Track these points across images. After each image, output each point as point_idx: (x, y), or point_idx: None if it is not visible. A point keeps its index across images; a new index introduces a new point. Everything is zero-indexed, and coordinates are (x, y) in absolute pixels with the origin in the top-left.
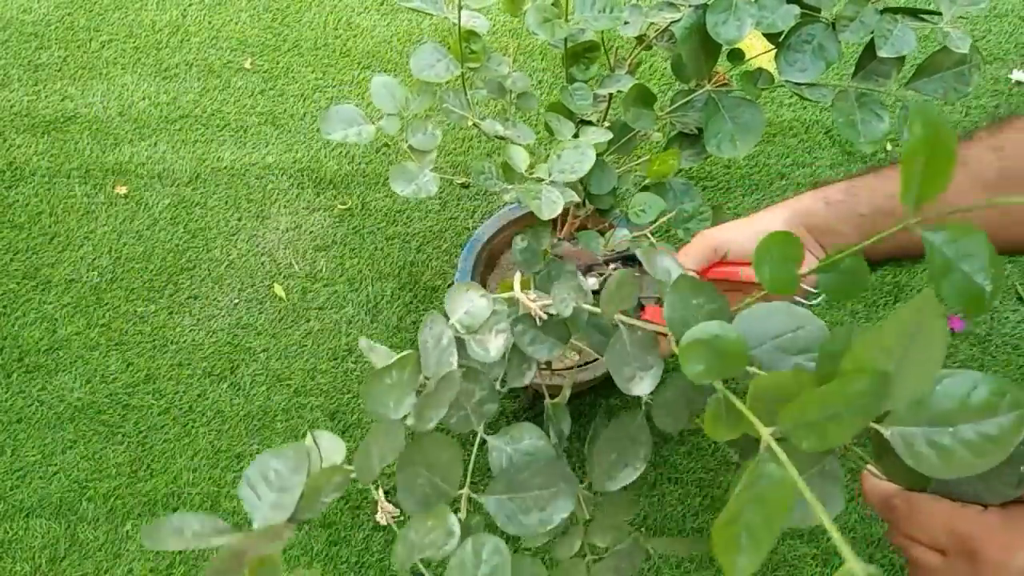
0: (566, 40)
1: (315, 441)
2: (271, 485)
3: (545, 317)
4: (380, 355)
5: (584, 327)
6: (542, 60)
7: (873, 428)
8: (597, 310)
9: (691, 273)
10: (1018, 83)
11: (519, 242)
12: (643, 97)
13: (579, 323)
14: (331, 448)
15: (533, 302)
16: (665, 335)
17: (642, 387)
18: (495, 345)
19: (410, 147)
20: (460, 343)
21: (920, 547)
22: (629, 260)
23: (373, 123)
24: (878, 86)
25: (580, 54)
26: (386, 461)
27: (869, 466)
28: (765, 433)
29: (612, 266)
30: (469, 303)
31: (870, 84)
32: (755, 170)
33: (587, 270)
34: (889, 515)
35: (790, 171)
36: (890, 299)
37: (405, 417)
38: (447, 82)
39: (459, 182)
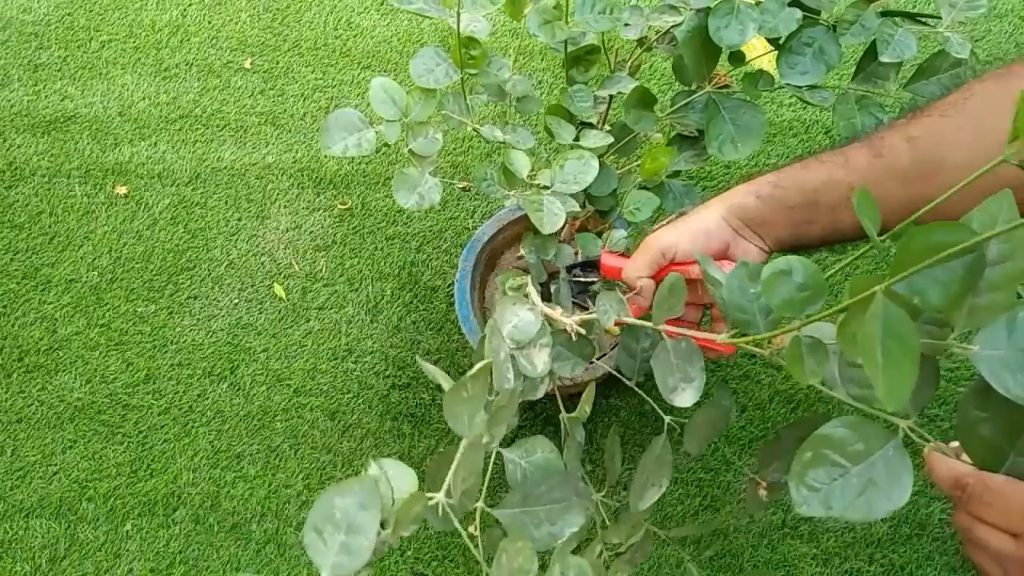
0: (566, 43)
1: (382, 471)
2: (338, 526)
3: (583, 332)
4: (434, 372)
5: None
6: (542, 61)
7: (960, 350)
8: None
9: (646, 279)
10: None
11: (530, 256)
12: (644, 99)
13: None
14: (400, 477)
15: (565, 317)
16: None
17: (685, 398)
18: (541, 360)
19: (410, 152)
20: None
21: (989, 528)
22: (588, 266)
23: (374, 126)
24: (877, 88)
25: (580, 57)
26: (468, 484)
27: (931, 445)
28: (879, 287)
29: (574, 272)
30: (516, 317)
31: (869, 86)
32: (755, 170)
33: (550, 276)
34: (958, 493)
35: None
36: None
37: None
38: (447, 86)
39: (460, 186)
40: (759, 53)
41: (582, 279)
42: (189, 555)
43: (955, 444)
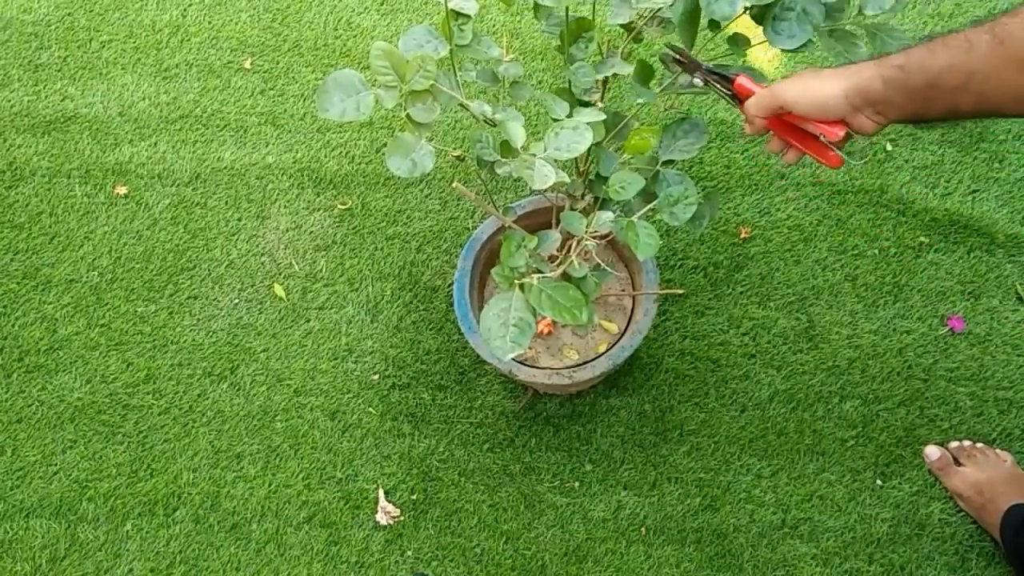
0: (567, 12)
1: None
2: None
3: None
4: None
5: None
6: (542, 61)
7: None
8: None
9: (761, 120)
10: None
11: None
12: (643, 74)
13: None
14: None
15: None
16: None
17: None
18: None
19: (408, 117)
20: None
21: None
22: (725, 80)
23: (373, 89)
24: (838, 22)
25: (577, 34)
26: None
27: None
28: None
29: (713, 76)
30: None
31: (831, 22)
32: (755, 170)
33: (694, 69)
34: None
35: (790, 171)
36: (890, 299)
37: None
38: (439, 65)
39: (454, 154)
40: (757, 42)
41: (716, 84)
42: (189, 555)
43: (954, 445)
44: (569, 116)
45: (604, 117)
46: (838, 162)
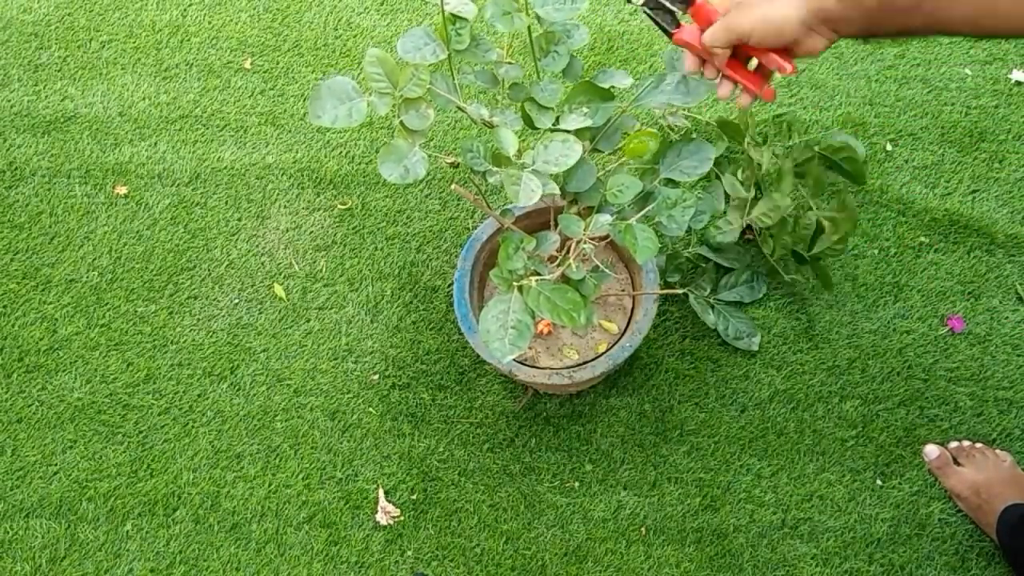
0: (530, 32)
1: None
2: None
3: None
4: None
5: None
6: None
7: None
8: None
9: (718, 50)
10: (1018, 83)
11: None
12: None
13: None
14: None
15: None
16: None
17: None
18: None
19: (401, 124)
20: None
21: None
22: (659, 7)
23: (367, 96)
24: None
25: (545, 48)
26: None
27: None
28: None
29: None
30: None
31: None
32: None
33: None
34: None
35: None
36: (890, 299)
37: None
38: (437, 68)
39: (448, 162)
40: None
41: (659, 10)
42: (189, 555)
43: (953, 444)
44: (555, 123)
45: (589, 122)
46: (772, 96)
